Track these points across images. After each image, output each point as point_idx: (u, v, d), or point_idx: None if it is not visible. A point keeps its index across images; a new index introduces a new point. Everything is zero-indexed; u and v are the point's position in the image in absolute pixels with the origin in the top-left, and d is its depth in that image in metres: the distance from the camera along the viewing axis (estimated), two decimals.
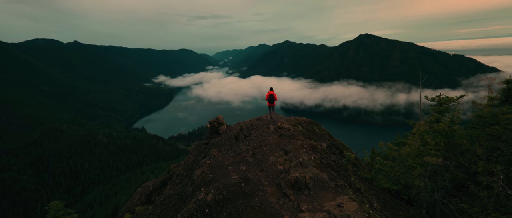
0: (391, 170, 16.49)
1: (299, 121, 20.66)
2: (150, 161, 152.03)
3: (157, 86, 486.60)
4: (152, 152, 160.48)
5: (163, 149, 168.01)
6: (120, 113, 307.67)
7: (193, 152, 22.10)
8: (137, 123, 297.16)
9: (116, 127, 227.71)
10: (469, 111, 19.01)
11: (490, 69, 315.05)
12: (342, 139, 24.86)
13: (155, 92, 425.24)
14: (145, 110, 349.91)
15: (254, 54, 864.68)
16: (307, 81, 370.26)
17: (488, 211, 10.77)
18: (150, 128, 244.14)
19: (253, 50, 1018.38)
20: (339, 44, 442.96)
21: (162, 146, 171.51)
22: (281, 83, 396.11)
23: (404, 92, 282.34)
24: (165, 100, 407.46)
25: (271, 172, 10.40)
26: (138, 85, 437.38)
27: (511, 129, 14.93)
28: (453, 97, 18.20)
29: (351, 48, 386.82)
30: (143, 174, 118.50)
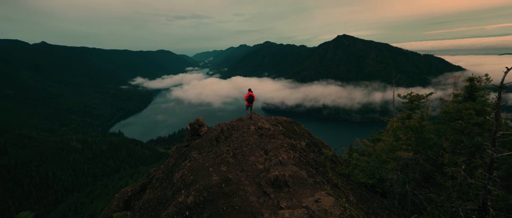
0: (366, 165, 17.29)
1: (279, 121, 21.01)
2: (128, 166, 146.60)
3: (135, 88, 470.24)
4: (131, 156, 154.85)
5: (142, 153, 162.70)
6: (95, 117, 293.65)
7: (173, 155, 21.74)
8: (113, 127, 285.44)
9: (91, 132, 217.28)
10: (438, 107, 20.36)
11: (456, 68, 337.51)
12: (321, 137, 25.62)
13: (132, 95, 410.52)
14: (122, 113, 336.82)
15: (235, 55, 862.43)
16: (288, 82, 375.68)
17: (452, 199, 11.65)
18: (128, 132, 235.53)
19: (234, 51, 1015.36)
20: (318, 45, 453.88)
21: (141, 150, 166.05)
22: (262, 84, 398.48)
23: (379, 91, 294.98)
24: (143, 103, 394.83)
25: (251, 171, 10.54)
26: (114, 88, 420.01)
27: (473, 123, 16.23)
28: (423, 95, 19.46)
29: (330, 49, 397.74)
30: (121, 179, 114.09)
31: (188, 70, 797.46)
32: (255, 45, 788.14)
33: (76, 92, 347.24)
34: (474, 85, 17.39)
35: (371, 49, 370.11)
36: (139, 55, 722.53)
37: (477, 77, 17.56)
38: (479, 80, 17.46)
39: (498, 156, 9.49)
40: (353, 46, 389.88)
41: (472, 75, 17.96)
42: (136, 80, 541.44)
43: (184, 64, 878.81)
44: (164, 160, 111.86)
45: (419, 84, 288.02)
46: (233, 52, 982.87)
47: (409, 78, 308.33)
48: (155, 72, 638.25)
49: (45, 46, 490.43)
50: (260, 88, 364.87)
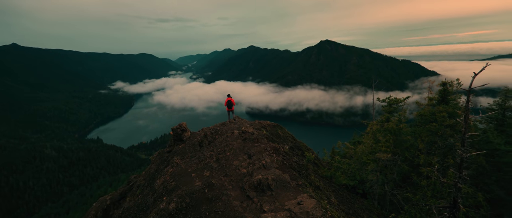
0: (348, 167, 17.76)
1: (263, 125, 21.12)
2: (107, 173, 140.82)
3: (114, 93, 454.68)
4: (110, 163, 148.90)
5: (122, 159, 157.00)
6: (72, 123, 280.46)
7: (155, 160, 21.22)
8: (91, 133, 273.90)
9: (67, 138, 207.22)
10: (414, 110, 21.32)
11: (431, 73, 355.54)
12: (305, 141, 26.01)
13: (112, 99, 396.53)
14: (101, 118, 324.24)
15: (219, 59, 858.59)
16: (272, 86, 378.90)
17: (427, 198, 12.21)
18: (107, 138, 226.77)
19: (218, 55, 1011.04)
20: (302, 50, 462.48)
21: (121, 157, 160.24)
22: (247, 88, 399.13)
23: (361, 95, 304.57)
24: (124, 108, 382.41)
25: (235, 176, 10.51)
26: (92, 92, 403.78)
27: (445, 125, 17.15)
28: (401, 99, 20.31)
29: (313, 54, 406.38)
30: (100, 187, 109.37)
31: (171, 75, 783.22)
32: (239, 50, 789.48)
33: (50, 97, 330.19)
34: (447, 89, 18.35)
35: (352, 54, 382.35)
36: (119, 59, 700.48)
37: (449, 82, 18.51)
38: (451, 85, 18.42)
39: (467, 156, 10.11)
40: (335, 51, 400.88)
41: (445, 80, 19.00)
42: (116, 84, 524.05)
43: (166, 68, 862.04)
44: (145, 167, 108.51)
45: (398, 89, 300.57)
46: (217, 56, 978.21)
47: (388, 82, 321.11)
48: (136, 76, 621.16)
49: (16, 48, 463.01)
50: (245, 93, 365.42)
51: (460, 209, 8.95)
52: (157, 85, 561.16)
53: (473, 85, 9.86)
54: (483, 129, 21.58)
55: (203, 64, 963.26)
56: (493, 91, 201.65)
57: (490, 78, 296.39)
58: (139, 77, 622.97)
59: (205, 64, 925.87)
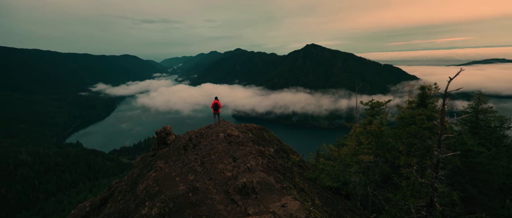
0: (332, 169, 18.09)
1: (249, 128, 21.13)
2: (87, 179, 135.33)
3: (96, 95, 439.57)
4: (90, 168, 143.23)
5: (103, 164, 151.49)
6: (49, 126, 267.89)
7: (138, 165, 20.67)
8: (70, 137, 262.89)
9: (44, 143, 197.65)
10: (395, 113, 22.06)
11: (411, 77, 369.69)
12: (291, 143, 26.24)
13: (93, 102, 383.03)
14: (81, 122, 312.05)
15: (205, 61, 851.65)
16: (258, 89, 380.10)
17: (407, 198, 12.67)
18: (88, 142, 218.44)
19: (204, 57, 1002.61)
20: (288, 53, 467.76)
21: (102, 161, 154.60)
22: (233, 91, 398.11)
23: (345, 98, 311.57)
24: (106, 111, 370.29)
25: (219, 179, 10.44)
26: (72, 94, 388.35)
27: (424, 127, 17.87)
28: (382, 102, 20.97)
29: (299, 57, 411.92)
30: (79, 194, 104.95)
31: (156, 77, 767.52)
32: (226, 52, 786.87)
33: (27, 99, 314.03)
34: (425, 93, 19.13)
35: (337, 58, 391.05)
36: (101, 60, 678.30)
37: (428, 86, 19.32)
38: (429, 89, 19.22)
39: (443, 157, 10.58)
40: (321, 55, 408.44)
41: (424, 84, 19.85)
42: (98, 86, 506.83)
43: (151, 70, 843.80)
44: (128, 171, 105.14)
45: (380, 92, 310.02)
46: (203, 59, 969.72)
47: (372, 86, 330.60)
48: (119, 78, 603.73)
49: None
50: (231, 96, 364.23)
51: (437, 208, 9.34)
52: (141, 87, 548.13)
53: (448, 89, 10.37)
54: (458, 131, 22.68)
55: (189, 66, 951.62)
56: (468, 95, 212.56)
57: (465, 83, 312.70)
58: (122, 79, 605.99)
59: (191, 66, 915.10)
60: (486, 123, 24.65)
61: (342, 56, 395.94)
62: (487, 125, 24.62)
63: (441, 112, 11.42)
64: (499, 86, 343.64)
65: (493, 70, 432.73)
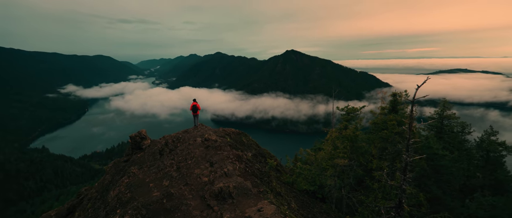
0: (309, 173, 18.45)
1: (227, 132, 21.00)
2: (54, 186, 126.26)
3: (65, 97, 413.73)
4: (58, 175, 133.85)
5: (72, 170, 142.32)
6: (11, 130, 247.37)
7: (110, 171, 19.72)
8: (35, 141, 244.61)
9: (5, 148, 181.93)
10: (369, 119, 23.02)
11: (385, 85, 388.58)
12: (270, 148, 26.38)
13: (62, 104, 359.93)
14: (48, 125, 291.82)
15: (184, 64, 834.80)
16: (238, 93, 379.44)
17: (378, 199, 13.24)
18: (55, 147, 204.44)
19: (183, 60, 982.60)
20: (268, 58, 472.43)
21: (71, 167, 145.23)
22: (213, 95, 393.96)
23: (323, 104, 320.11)
24: (76, 114, 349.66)
25: (195, 184, 10.24)
26: (38, 96, 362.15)
27: (395, 132, 18.83)
28: (357, 108, 21.80)
29: (279, 63, 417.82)
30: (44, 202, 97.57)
31: (132, 79, 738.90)
32: (206, 55, 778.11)
33: None
34: (396, 100, 20.18)
35: (316, 64, 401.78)
36: (72, 60, 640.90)
37: (399, 93, 20.42)
38: (400, 96, 20.30)
39: (411, 160, 11.22)
40: (300, 61, 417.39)
41: (395, 91, 20.96)
42: (68, 88, 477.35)
43: (126, 72, 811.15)
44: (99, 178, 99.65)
45: (356, 98, 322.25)
46: (182, 62, 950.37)
47: (348, 92, 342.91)
48: (91, 80, 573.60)
49: None
50: (210, 100, 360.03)
51: (404, 209, 9.85)
52: (115, 89, 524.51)
53: (416, 96, 11.07)
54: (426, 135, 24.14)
55: (167, 69, 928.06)
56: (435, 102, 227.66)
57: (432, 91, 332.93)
58: (95, 81, 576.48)
59: (169, 69, 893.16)
60: (449, 128, 26.56)
61: (320, 63, 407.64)
62: (451, 130, 26.54)
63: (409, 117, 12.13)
64: (462, 95, 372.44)
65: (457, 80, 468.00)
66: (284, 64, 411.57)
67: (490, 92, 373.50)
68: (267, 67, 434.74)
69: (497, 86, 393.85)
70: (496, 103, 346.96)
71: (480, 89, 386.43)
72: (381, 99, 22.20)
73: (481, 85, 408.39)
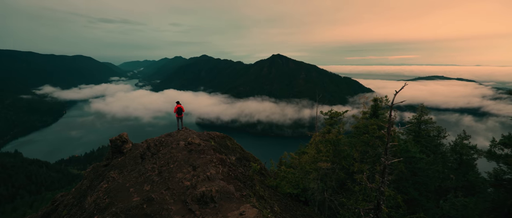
0: (292, 177, 18.65)
1: (211, 136, 20.84)
2: (27, 192, 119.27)
3: (41, 98, 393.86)
4: (31, 181, 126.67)
5: (48, 176, 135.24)
6: None
7: (89, 176, 18.99)
8: (7, 145, 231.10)
9: None
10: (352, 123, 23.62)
11: (367, 90, 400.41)
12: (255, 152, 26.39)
13: (37, 106, 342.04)
14: (22, 128, 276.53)
15: (169, 66, 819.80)
16: (224, 97, 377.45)
17: (359, 202, 13.61)
18: (29, 152, 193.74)
19: (168, 62, 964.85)
20: (255, 62, 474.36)
21: (47, 173, 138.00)
22: (198, 98, 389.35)
23: (308, 108, 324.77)
24: (53, 117, 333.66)
25: (177, 189, 10.08)
26: (11, 97, 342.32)
27: (376, 136, 19.45)
28: (340, 112, 22.32)
29: (265, 67, 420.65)
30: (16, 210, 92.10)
31: (113, 81, 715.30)
32: (191, 58, 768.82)
33: None
34: (378, 105, 20.86)
35: (301, 69, 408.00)
36: (49, 60, 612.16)
37: (380, 98, 21.12)
38: (381, 101, 21.02)
39: (389, 163, 11.64)
40: (286, 65, 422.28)
41: (376, 96, 21.68)
42: (44, 89, 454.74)
43: (108, 74, 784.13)
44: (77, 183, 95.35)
45: (340, 103, 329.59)
46: (167, 64, 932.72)
47: (332, 97, 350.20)
48: (70, 81, 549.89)
49: None
50: (195, 103, 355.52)
51: (383, 210, 10.19)
52: (95, 91, 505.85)
53: (395, 102, 11.54)
54: (404, 139, 25.10)
55: (151, 71, 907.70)
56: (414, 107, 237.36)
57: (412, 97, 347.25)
58: (74, 82, 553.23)
59: (153, 71, 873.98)
60: (426, 132, 27.79)
61: (306, 68, 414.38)
62: (428, 134, 27.77)
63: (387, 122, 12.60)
64: (438, 100, 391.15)
65: (434, 86, 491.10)
66: (270, 69, 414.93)
67: (464, 98, 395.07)
68: (253, 71, 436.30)
69: (470, 93, 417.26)
70: (470, 109, 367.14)
71: (455, 96, 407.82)
72: (363, 104, 22.88)
73: (456, 91, 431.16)
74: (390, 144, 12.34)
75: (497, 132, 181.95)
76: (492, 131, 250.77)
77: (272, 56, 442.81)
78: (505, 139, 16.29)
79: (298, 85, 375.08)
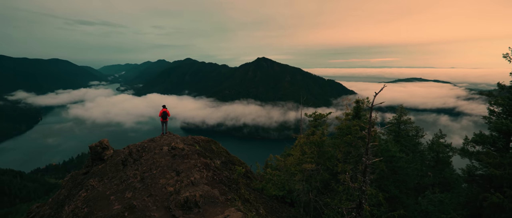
0: (278, 179, 18.78)
1: (196, 140, 20.59)
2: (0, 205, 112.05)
3: (13, 104, 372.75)
4: (4, 192, 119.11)
5: (22, 186, 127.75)
6: None
7: (67, 185, 18.18)
8: None
9: None
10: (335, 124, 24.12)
11: (350, 92, 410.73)
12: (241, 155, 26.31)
13: (9, 112, 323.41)
14: None
15: (152, 70, 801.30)
16: (209, 100, 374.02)
17: (342, 201, 13.92)
18: (1, 161, 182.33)
19: (151, 66, 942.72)
20: (240, 65, 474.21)
21: (21, 183, 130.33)
22: (182, 102, 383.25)
23: (294, 110, 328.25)
24: (27, 124, 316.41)
25: (160, 195, 9.87)
26: None
27: (358, 137, 20.00)
28: (324, 114, 22.75)
29: (250, 70, 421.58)
30: None
31: (93, 85, 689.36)
32: (175, 61, 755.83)
33: None
34: (360, 106, 21.47)
35: (286, 72, 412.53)
36: (22, 64, 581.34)
37: (362, 100, 21.73)
38: (363, 102, 21.63)
39: (370, 163, 12.01)
40: (271, 68, 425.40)
41: (359, 98, 22.30)
42: (17, 94, 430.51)
43: (87, 78, 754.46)
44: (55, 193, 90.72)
45: (324, 105, 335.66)
46: (150, 67, 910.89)
47: (316, 99, 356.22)
48: (46, 86, 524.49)
49: None
50: (180, 107, 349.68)
51: (365, 208, 10.49)
52: (73, 97, 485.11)
53: (375, 103, 11.95)
54: (385, 139, 25.96)
55: (133, 75, 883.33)
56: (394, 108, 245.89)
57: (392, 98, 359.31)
58: (50, 87, 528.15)
59: (135, 75, 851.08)
60: (406, 132, 28.91)
61: (290, 71, 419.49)
62: (407, 134, 28.90)
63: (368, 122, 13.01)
64: (417, 101, 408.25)
65: (413, 88, 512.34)
66: (256, 72, 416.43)
67: (440, 99, 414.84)
68: (238, 74, 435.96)
69: (446, 94, 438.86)
70: (445, 109, 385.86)
71: (432, 97, 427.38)
72: (346, 106, 23.48)
73: (433, 93, 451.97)
74: (371, 144, 12.77)
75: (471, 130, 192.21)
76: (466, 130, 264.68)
77: (257, 59, 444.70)
78: (476, 137, 17.28)
79: (283, 88, 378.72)
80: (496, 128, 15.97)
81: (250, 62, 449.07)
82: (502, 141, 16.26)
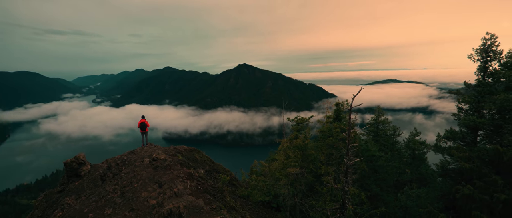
0: (263, 184, 18.81)
1: (179, 150, 20.18)
2: None
3: None
4: None
5: None
6: None
7: (40, 205, 17.06)
8: None
9: None
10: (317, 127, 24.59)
11: (330, 95, 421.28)
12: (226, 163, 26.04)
13: None
14: None
15: (130, 80, 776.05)
16: (191, 109, 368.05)
17: (327, 203, 14.19)
18: None
19: (128, 76, 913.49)
20: (221, 72, 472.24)
21: None
22: (163, 112, 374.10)
23: (277, 115, 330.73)
24: None
25: (142, 209, 9.56)
26: None
27: (339, 138, 20.53)
28: (306, 118, 23.16)
29: (232, 77, 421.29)
30: None
31: (66, 98, 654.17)
32: (154, 70, 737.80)
33: None
34: (340, 109, 22.09)
35: (268, 78, 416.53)
36: None
37: (341, 103, 22.38)
38: (342, 105, 22.28)
39: (351, 163, 12.40)
40: (252, 74, 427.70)
41: (338, 100, 22.96)
42: None
43: (59, 90, 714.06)
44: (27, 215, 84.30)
45: (306, 109, 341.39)
46: (127, 77, 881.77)
47: (298, 104, 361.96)
48: (13, 100, 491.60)
49: None
50: (161, 117, 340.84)
51: (348, 208, 10.77)
52: (45, 111, 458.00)
53: (353, 105, 12.41)
54: (365, 140, 26.84)
55: (110, 85, 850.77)
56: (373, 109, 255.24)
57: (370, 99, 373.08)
58: (18, 102, 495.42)
59: (112, 86, 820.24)
60: (384, 132, 30.08)
61: (272, 76, 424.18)
62: (385, 133, 30.07)
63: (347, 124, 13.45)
64: (393, 102, 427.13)
65: (389, 89, 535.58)
66: (237, 78, 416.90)
67: (415, 99, 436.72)
68: (220, 81, 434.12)
69: (419, 94, 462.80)
70: (420, 108, 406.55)
71: (407, 97, 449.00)
72: (327, 109, 24.07)
73: (407, 93, 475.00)
74: (352, 145, 13.19)
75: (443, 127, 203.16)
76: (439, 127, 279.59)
77: (238, 65, 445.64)
78: (447, 133, 18.38)
79: (266, 94, 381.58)
80: (464, 124, 17.10)
81: (231, 69, 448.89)
82: (470, 136, 17.42)
